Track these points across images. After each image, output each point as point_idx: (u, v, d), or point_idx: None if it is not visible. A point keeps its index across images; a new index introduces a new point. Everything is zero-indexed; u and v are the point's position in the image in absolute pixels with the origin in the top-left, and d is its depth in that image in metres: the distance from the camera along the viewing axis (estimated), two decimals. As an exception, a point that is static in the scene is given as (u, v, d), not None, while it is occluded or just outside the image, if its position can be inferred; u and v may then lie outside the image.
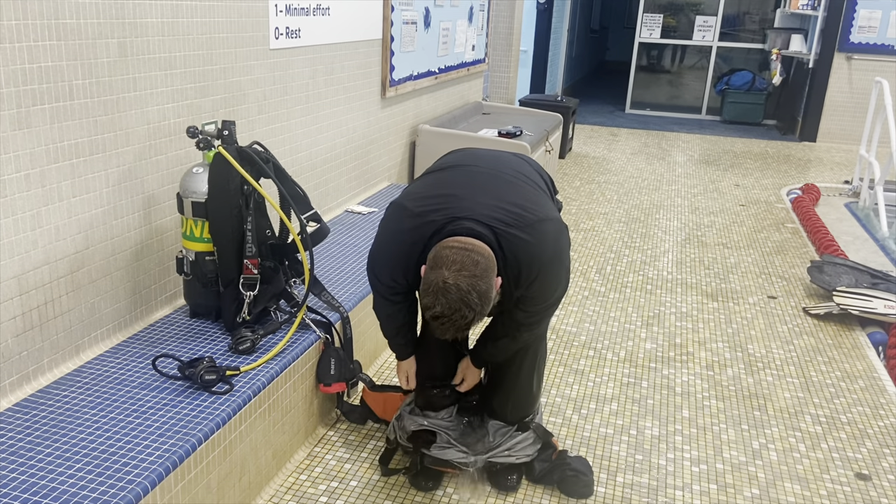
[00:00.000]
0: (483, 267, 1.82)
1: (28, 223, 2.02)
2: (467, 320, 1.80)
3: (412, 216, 1.99)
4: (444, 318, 1.80)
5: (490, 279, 1.83)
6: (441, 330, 1.85)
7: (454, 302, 1.77)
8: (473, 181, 2.07)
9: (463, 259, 1.80)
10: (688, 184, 6.56)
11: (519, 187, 2.08)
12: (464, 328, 1.83)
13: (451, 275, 1.78)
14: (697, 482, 2.47)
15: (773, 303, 4.00)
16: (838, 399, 3.04)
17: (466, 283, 1.77)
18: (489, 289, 1.82)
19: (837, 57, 8.57)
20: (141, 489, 1.72)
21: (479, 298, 1.79)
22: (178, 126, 2.53)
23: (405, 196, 2.09)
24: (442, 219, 1.94)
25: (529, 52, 9.16)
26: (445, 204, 1.97)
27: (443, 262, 1.81)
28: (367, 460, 2.50)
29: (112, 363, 2.24)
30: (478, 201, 1.97)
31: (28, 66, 1.94)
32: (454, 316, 1.79)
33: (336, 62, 3.66)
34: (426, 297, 1.82)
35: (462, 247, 1.84)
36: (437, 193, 2.03)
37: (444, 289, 1.78)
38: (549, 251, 1.99)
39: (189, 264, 2.45)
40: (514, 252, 1.93)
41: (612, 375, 3.15)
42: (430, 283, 1.81)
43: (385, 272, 2.10)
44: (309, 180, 3.51)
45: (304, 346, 2.43)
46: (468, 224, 1.91)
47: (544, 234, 1.98)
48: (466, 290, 1.77)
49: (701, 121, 10.26)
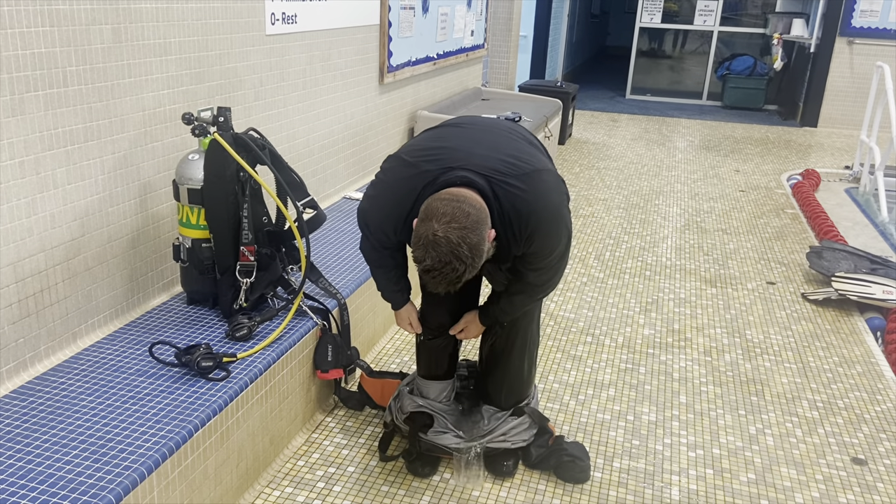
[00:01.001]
0: (474, 219, 1.79)
1: (23, 210, 2.02)
2: (458, 273, 1.77)
3: (406, 166, 1.99)
4: (435, 271, 1.78)
5: (482, 231, 1.80)
6: (433, 283, 1.82)
7: (444, 255, 1.75)
8: (470, 135, 2.06)
9: (453, 211, 1.77)
10: (688, 169, 6.54)
11: (515, 141, 2.08)
12: (455, 281, 1.80)
13: (440, 227, 1.75)
14: (694, 467, 2.48)
15: (771, 288, 4.00)
16: (836, 384, 3.05)
17: (456, 236, 1.75)
18: (480, 241, 1.79)
19: (839, 41, 8.53)
20: (138, 475, 1.72)
21: (470, 251, 1.76)
22: (173, 113, 2.52)
23: (401, 150, 2.10)
24: (436, 168, 1.92)
25: (529, 38, 9.12)
26: (440, 155, 1.96)
27: (433, 214, 1.78)
28: (364, 446, 2.51)
29: (109, 350, 2.25)
30: (473, 152, 1.96)
31: (21, 53, 1.93)
32: (444, 269, 1.76)
33: (333, 48, 3.65)
34: (417, 250, 1.80)
35: (453, 198, 1.81)
36: (433, 146, 2.02)
37: (433, 241, 1.75)
38: (545, 201, 1.96)
39: (186, 251, 2.45)
40: (510, 201, 1.90)
41: (609, 361, 3.15)
42: (421, 235, 1.78)
43: (376, 223, 2.09)
44: (306, 167, 3.50)
45: (301, 333, 2.43)
46: (462, 173, 1.89)
47: (540, 183, 1.96)
48: (456, 242, 1.75)
49: (702, 106, 10.23)
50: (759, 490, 2.38)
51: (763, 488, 2.39)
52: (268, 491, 2.27)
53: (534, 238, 1.97)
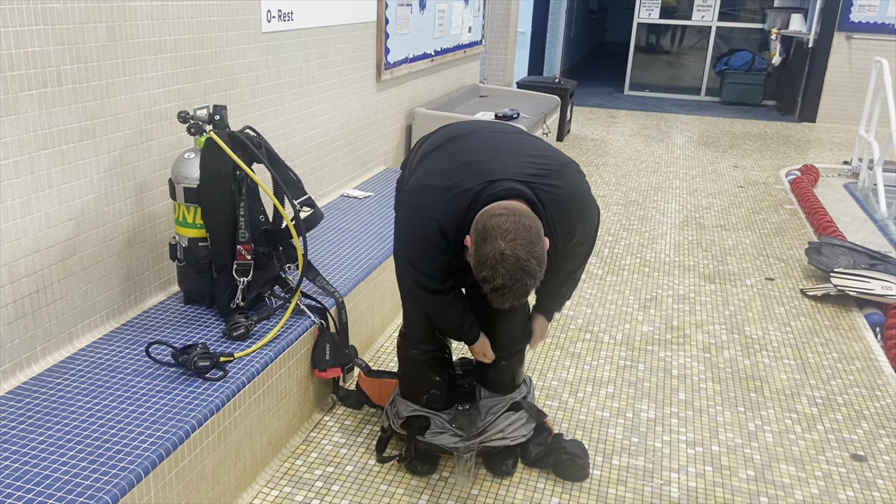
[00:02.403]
0: (535, 232, 1.79)
1: (18, 210, 2.01)
2: (528, 288, 1.78)
3: (442, 191, 1.93)
4: (505, 289, 1.76)
5: (542, 242, 1.80)
6: (500, 300, 1.81)
7: (514, 272, 1.74)
8: (487, 144, 2.04)
9: (515, 227, 1.76)
10: (686, 165, 6.53)
11: (529, 140, 2.08)
12: (523, 296, 1.81)
13: (507, 245, 1.74)
14: (693, 464, 2.47)
15: (770, 284, 3.99)
16: (835, 380, 3.04)
17: (524, 252, 1.74)
18: (543, 252, 1.80)
19: (837, 36, 8.51)
20: (134, 476, 1.72)
21: (538, 264, 1.77)
22: (169, 111, 2.51)
23: (422, 178, 2.02)
24: (477, 185, 1.88)
25: (527, 34, 9.10)
26: (474, 170, 1.92)
27: (495, 231, 1.76)
28: (362, 445, 2.50)
29: (105, 350, 2.24)
30: (503, 160, 1.94)
31: (14, 52, 1.92)
32: (515, 286, 1.76)
33: (330, 45, 3.63)
34: (483, 270, 1.77)
35: (509, 213, 1.79)
36: (459, 164, 1.97)
37: (502, 260, 1.73)
38: (579, 193, 2.01)
39: (182, 250, 2.44)
40: (552, 202, 1.92)
41: (608, 358, 3.15)
42: (486, 256, 1.76)
43: (426, 261, 2.02)
44: (304, 165, 3.49)
45: (298, 332, 2.42)
46: (507, 184, 1.87)
47: (571, 177, 2.00)
48: (525, 258, 1.74)
49: (700, 102, 10.21)
50: (759, 487, 2.38)
51: (762, 485, 2.39)
52: (266, 491, 2.26)
53: (574, 231, 2.01)
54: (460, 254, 1.94)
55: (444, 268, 2.03)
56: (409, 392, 2.39)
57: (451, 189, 1.91)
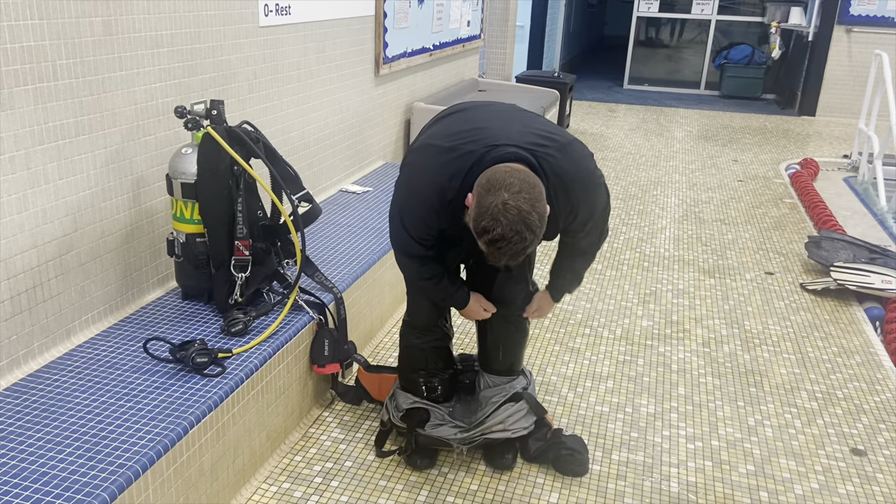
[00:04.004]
0: (539, 190, 1.77)
1: (14, 206, 1.99)
2: (526, 243, 1.74)
3: (445, 151, 1.93)
4: (504, 240, 1.73)
5: (545, 202, 1.79)
6: (497, 255, 1.78)
7: (515, 223, 1.71)
8: (496, 114, 2.04)
9: (521, 182, 1.75)
10: (686, 160, 6.52)
11: (537, 117, 2.10)
12: (520, 252, 1.77)
13: (511, 196, 1.72)
14: (693, 459, 2.47)
15: (770, 279, 3.99)
16: (834, 375, 3.04)
17: (528, 205, 1.72)
18: (545, 211, 1.78)
19: (837, 29, 8.49)
20: (132, 473, 1.71)
21: (540, 220, 1.75)
22: (166, 106, 2.50)
23: (429, 137, 2.02)
24: (480, 148, 1.88)
25: (526, 28, 9.07)
26: (478, 135, 1.92)
27: (500, 184, 1.74)
28: (361, 441, 2.49)
29: (103, 346, 2.23)
30: (509, 128, 1.94)
31: (10, 47, 1.91)
32: (514, 238, 1.72)
33: (328, 39, 3.61)
34: (483, 220, 1.74)
35: (515, 170, 1.78)
36: (465, 128, 1.97)
37: (504, 210, 1.71)
38: (585, 170, 2.00)
39: (180, 246, 2.43)
40: (556, 173, 1.91)
41: (608, 353, 3.14)
42: (489, 205, 1.73)
43: (419, 221, 2.00)
44: (302, 160, 3.48)
45: (297, 328, 2.42)
46: (510, 149, 1.86)
47: (576, 153, 1.99)
48: (528, 210, 1.72)
49: (699, 96, 10.19)
50: (758, 481, 2.38)
51: (762, 480, 2.39)
52: (265, 487, 2.26)
53: (579, 207, 2.00)
54: (458, 216, 1.92)
55: (434, 234, 2.01)
56: (409, 384, 2.39)
57: (455, 150, 1.92)
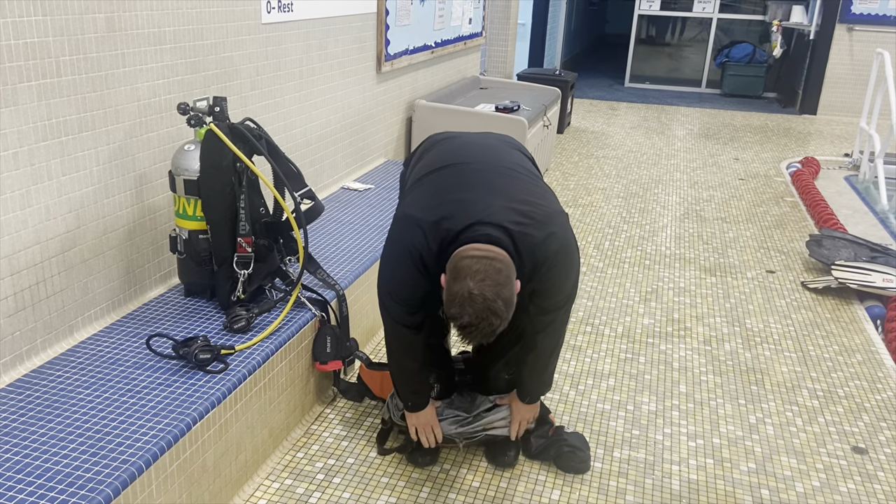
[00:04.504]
0: (505, 274, 1.84)
1: (17, 202, 2.00)
2: (494, 327, 1.83)
3: (428, 226, 1.97)
4: (472, 327, 1.82)
5: (512, 285, 1.87)
6: (468, 338, 1.88)
7: (481, 311, 1.80)
8: (480, 181, 2.06)
9: (486, 268, 1.82)
10: (687, 158, 6.52)
11: (522, 181, 2.10)
12: (490, 335, 1.86)
13: (475, 285, 1.79)
14: (694, 457, 2.47)
15: (771, 277, 3.99)
16: (836, 373, 3.04)
17: (491, 292, 1.80)
18: (512, 295, 1.86)
19: (839, 28, 8.48)
20: (136, 469, 1.71)
21: (505, 305, 1.82)
22: (168, 103, 2.50)
23: (412, 206, 2.07)
24: (457, 227, 1.93)
25: (527, 26, 9.06)
26: (457, 209, 1.96)
27: (466, 272, 1.82)
28: (363, 437, 2.50)
29: (106, 343, 2.23)
30: (489, 203, 1.97)
31: (14, 43, 1.91)
32: (481, 325, 1.81)
33: (330, 36, 3.61)
34: (452, 307, 1.84)
35: (483, 255, 1.85)
36: (447, 200, 2.01)
37: (469, 299, 1.80)
38: (559, 243, 2.01)
39: (182, 243, 2.43)
40: (529, 250, 1.95)
41: (609, 351, 3.14)
42: (455, 294, 1.82)
43: (402, 288, 2.06)
44: (304, 157, 3.48)
45: (299, 325, 2.42)
46: (485, 230, 1.91)
47: (556, 227, 2.01)
48: (492, 298, 1.79)
49: (701, 94, 10.19)
50: (760, 479, 2.38)
51: (763, 477, 2.39)
52: (267, 483, 2.26)
53: (548, 278, 2.02)
54: (437, 289, 1.97)
55: (420, 297, 2.05)
56: None
57: (436, 225, 1.96)
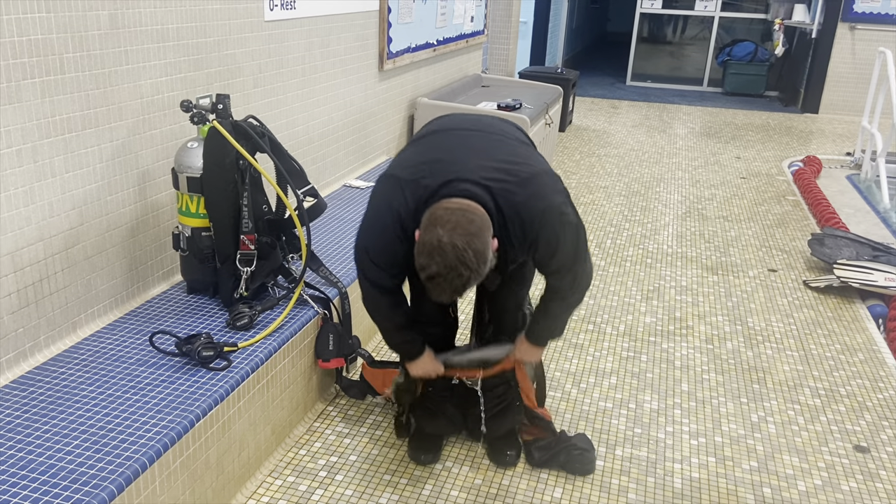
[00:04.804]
0: (478, 225, 1.79)
1: (21, 199, 2.00)
2: (463, 279, 1.77)
3: (406, 184, 1.95)
4: (440, 277, 1.77)
5: (485, 238, 1.80)
6: (437, 291, 1.81)
7: (450, 260, 1.74)
8: (462, 143, 2.04)
9: (458, 218, 1.77)
10: (688, 156, 6.51)
11: (508, 144, 2.06)
12: (459, 289, 1.80)
13: (445, 233, 1.75)
14: (696, 455, 2.48)
15: (773, 276, 3.99)
16: (838, 372, 3.04)
17: (462, 242, 1.75)
18: (485, 248, 1.79)
19: (841, 27, 8.47)
20: (139, 465, 1.72)
21: (476, 257, 1.76)
22: (171, 100, 2.50)
23: (394, 166, 2.05)
24: (435, 183, 1.90)
25: (529, 24, 9.05)
26: (437, 168, 1.94)
27: (437, 221, 1.78)
28: (366, 435, 2.50)
29: (109, 340, 2.23)
30: (469, 161, 1.94)
31: (17, 40, 1.91)
32: (450, 275, 1.76)
33: (332, 34, 3.61)
34: (421, 257, 1.79)
35: (457, 207, 1.81)
36: (428, 159, 1.99)
37: (439, 247, 1.75)
38: (546, 203, 1.93)
39: (185, 240, 2.43)
40: (513, 209, 1.90)
41: (611, 349, 3.15)
42: (425, 243, 1.78)
43: (379, 247, 2.01)
44: (306, 154, 3.48)
45: (302, 322, 2.42)
46: (462, 185, 1.88)
47: (540, 187, 1.94)
48: (462, 248, 1.74)
49: (702, 93, 10.18)
50: (762, 478, 2.38)
51: (765, 476, 2.39)
52: (270, 480, 2.27)
53: (538, 242, 1.95)
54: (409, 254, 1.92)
55: (398, 263, 2.01)
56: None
57: (413, 183, 1.93)
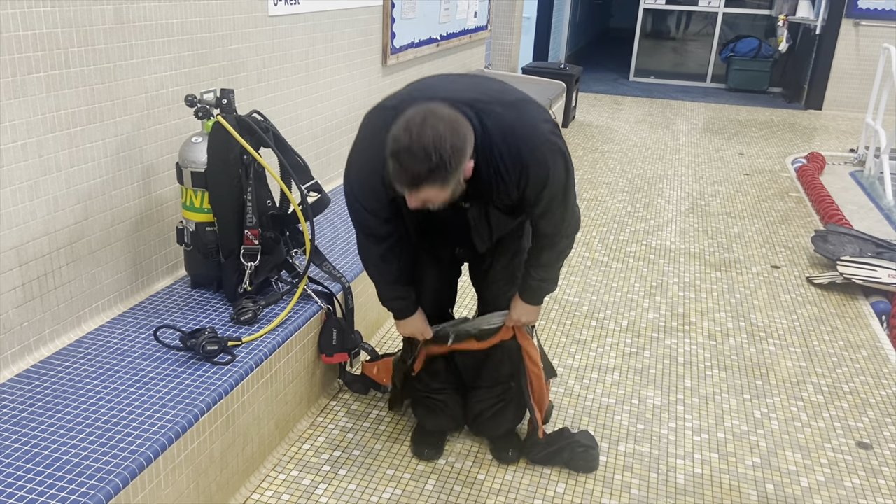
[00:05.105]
0: (463, 130, 1.68)
1: (26, 193, 2.00)
2: (430, 165, 1.61)
3: (387, 110, 1.86)
4: (407, 153, 1.62)
5: (466, 144, 1.68)
6: (396, 172, 1.66)
7: (425, 139, 1.61)
8: (447, 79, 1.99)
9: (446, 114, 1.67)
10: (692, 153, 6.50)
11: (498, 81, 1.98)
12: (422, 178, 1.64)
13: (430, 117, 1.64)
14: (699, 451, 2.48)
15: (776, 272, 3.99)
16: (840, 368, 3.04)
17: (444, 129, 1.63)
18: (463, 148, 1.67)
19: (845, 23, 8.44)
20: (144, 459, 1.72)
21: (451, 150, 1.63)
22: (176, 95, 2.50)
23: (380, 102, 1.97)
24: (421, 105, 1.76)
25: (532, 19, 9.04)
26: (422, 94, 1.85)
27: (425, 109, 1.68)
28: (369, 430, 2.50)
29: (113, 334, 2.24)
30: (455, 88, 1.88)
31: (22, 34, 1.91)
32: (418, 154, 1.60)
33: (336, 29, 3.61)
34: (397, 127, 1.66)
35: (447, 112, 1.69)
36: (412, 89, 1.93)
37: (419, 123, 1.63)
38: (535, 128, 1.84)
39: (189, 235, 2.44)
40: (500, 129, 1.80)
41: (614, 345, 3.15)
42: (407, 115, 1.66)
43: (363, 180, 1.93)
44: (310, 150, 3.48)
45: (305, 317, 2.42)
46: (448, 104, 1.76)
47: (527, 111, 1.86)
48: (442, 134, 1.62)
49: (706, 88, 10.16)
50: (765, 474, 2.38)
51: (768, 472, 2.39)
52: (273, 474, 2.27)
53: (529, 170, 1.83)
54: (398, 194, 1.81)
55: (386, 205, 1.93)
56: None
57: (395, 108, 1.82)
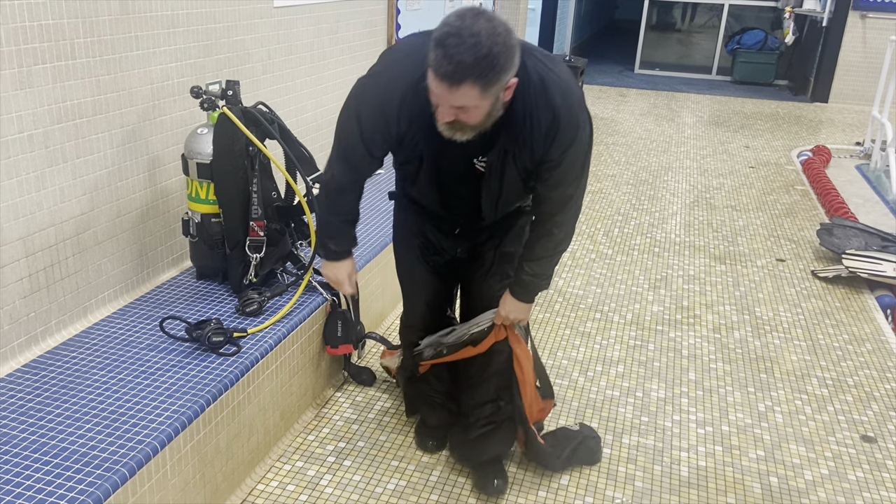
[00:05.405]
0: (515, 36, 1.56)
1: (32, 184, 2.00)
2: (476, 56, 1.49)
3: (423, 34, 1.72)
4: (456, 37, 1.49)
5: (515, 49, 1.57)
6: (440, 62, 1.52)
7: (478, 26, 1.49)
8: None
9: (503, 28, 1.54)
10: (697, 145, 6.49)
11: None
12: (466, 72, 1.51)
13: (484, 11, 1.54)
14: (703, 444, 2.48)
15: (781, 265, 3.98)
16: (845, 362, 3.04)
17: (498, 23, 1.52)
18: (513, 52, 1.56)
19: (852, 15, 8.40)
20: (150, 449, 1.73)
21: (503, 46, 1.51)
22: (181, 86, 2.50)
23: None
24: None
25: (537, 10, 9.00)
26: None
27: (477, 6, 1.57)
28: (374, 421, 2.51)
29: (119, 325, 2.25)
30: None
31: (28, 25, 1.91)
32: (469, 41, 1.48)
33: (341, 20, 3.60)
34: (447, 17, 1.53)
35: None
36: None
37: (473, 12, 1.52)
38: (569, 86, 1.76)
39: (195, 226, 2.44)
40: (538, 72, 1.71)
41: (618, 338, 3.15)
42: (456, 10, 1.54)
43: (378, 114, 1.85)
44: (315, 141, 3.48)
45: (310, 309, 2.43)
46: None
47: (565, 69, 1.78)
48: (496, 27, 1.51)
49: (711, 81, 10.12)
50: (769, 467, 2.39)
51: (772, 465, 2.40)
52: (279, 465, 2.28)
53: (559, 123, 1.73)
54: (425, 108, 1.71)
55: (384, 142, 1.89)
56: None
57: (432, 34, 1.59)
